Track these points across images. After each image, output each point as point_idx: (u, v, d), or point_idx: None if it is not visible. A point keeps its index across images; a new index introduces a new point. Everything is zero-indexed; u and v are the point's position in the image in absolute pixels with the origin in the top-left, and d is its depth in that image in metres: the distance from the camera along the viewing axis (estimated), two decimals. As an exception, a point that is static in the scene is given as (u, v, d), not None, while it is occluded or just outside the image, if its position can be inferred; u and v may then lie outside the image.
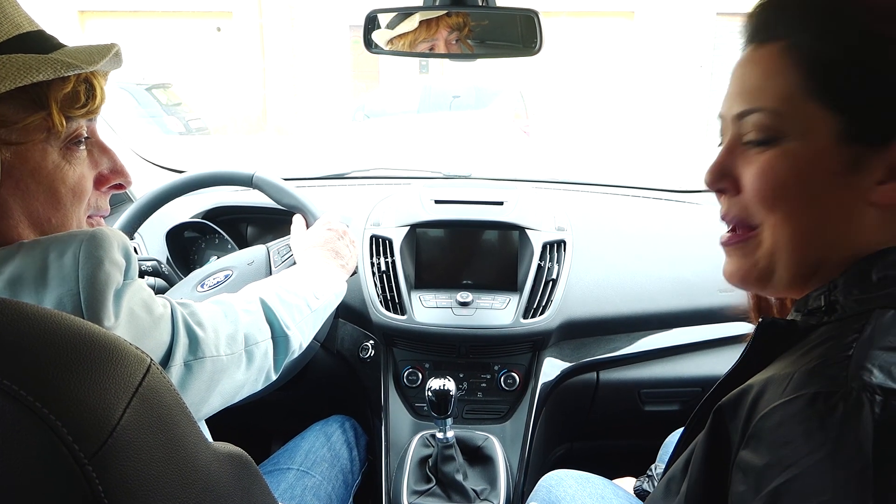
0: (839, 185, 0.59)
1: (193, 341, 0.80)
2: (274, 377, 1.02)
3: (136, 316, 0.72)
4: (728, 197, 0.67)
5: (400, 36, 1.32)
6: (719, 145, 0.68)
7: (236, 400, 0.92)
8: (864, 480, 0.45)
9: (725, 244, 0.69)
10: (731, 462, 0.56)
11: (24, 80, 0.63)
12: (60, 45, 0.72)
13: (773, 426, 0.52)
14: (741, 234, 0.67)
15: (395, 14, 1.30)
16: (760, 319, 0.66)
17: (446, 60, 1.45)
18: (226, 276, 1.32)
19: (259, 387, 0.98)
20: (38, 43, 0.69)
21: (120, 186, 0.81)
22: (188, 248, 1.68)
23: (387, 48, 1.35)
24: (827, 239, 0.61)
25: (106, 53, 0.71)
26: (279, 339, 1.01)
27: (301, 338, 1.07)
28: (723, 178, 0.66)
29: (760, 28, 0.63)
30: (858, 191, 0.58)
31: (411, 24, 1.30)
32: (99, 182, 0.78)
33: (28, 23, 0.70)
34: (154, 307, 0.76)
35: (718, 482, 0.58)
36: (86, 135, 0.74)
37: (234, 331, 0.90)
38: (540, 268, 1.50)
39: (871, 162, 0.57)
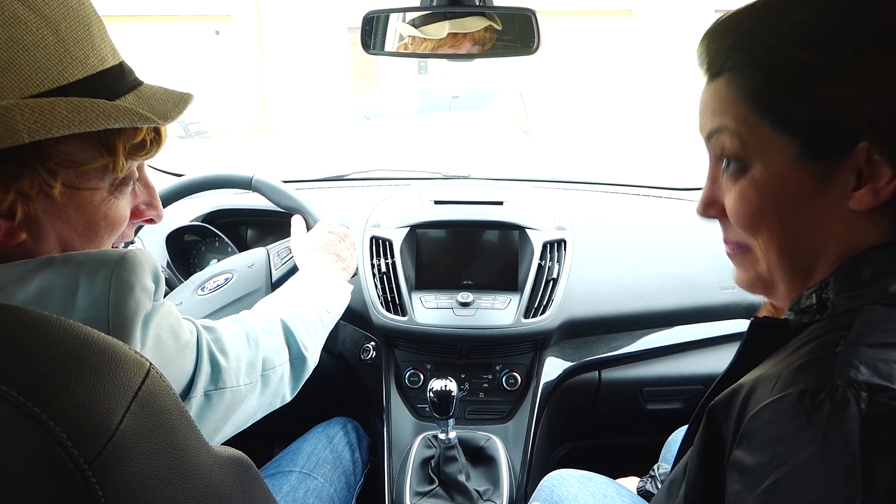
0: (814, 198, 0.60)
1: (216, 370, 0.79)
2: (289, 398, 1.01)
3: (162, 342, 0.71)
4: (723, 223, 0.70)
5: (424, 39, 1.31)
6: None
7: (247, 426, 0.91)
8: (853, 477, 0.45)
9: (730, 256, 0.72)
10: (725, 462, 0.56)
11: (99, 126, 0.62)
12: (138, 83, 0.71)
13: (763, 425, 0.52)
14: (741, 251, 0.69)
15: (421, 14, 1.29)
16: (752, 319, 0.67)
17: (445, 61, 1.44)
18: (226, 280, 1.32)
19: (272, 409, 0.97)
20: (118, 80, 0.68)
21: (150, 221, 0.81)
22: (188, 251, 1.68)
23: (396, 46, 1.34)
24: (815, 246, 0.62)
25: (182, 106, 0.71)
26: (296, 361, 1.01)
27: (316, 356, 1.07)
28: (710, 208, 0.70)
29: (707, 63, 0.65)
30: (835, 200, 0.59)
31: (440, 31, 1.29)
32: (133, 215, 0.78)
33: (112, 55, 0.69)
34: (181, 334, 0.76)
35: (715, 482, 0.58)
36: (137, 174, 0.75)
37: (254, 357, 0.89)
38: (540, 267, 1.50)
39: (840, 171, 0.58)
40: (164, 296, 1.22)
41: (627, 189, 2.00)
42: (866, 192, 0.57)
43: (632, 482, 1.28)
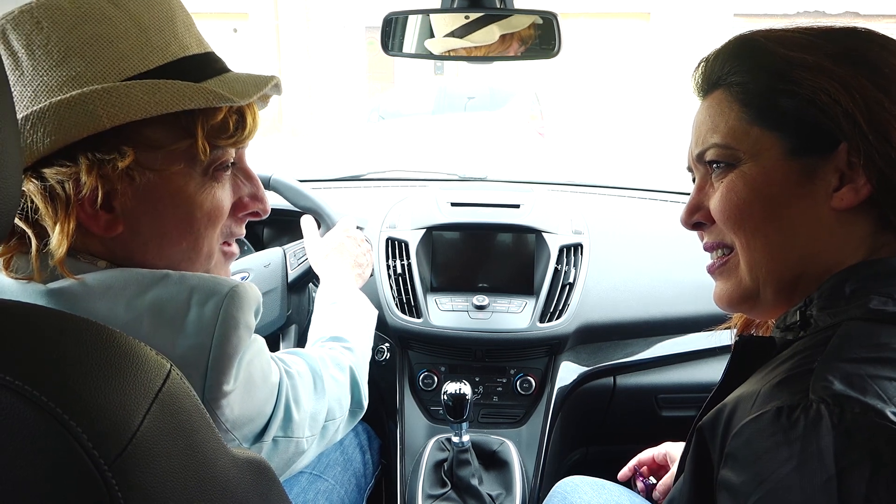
0: (798, 196, 0.63)
1: (287, 419, 0.78)
2: (336, 440, 0.98)
3: (252, 381, 0.71)
4: (706, 229, 0.74)
5: (474, 48, 1.29)
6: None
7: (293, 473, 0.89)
8: (829, 490, 0.46)
9: (710, 271, 0.75)
10: (715, 482, 0.57)
11: (175, 107, 0.63)
12: (224, 70, 0.71)
13: (745, 443, 0.53)
14: (722, 258, 0.73)
15: (464, 23, 1.27)
16: (738, 337, 0.69)
17: (462, 62, 1.43)
18: (242, 279, 1.33)
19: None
20: (201, 67, 0.68)
21: (256, 214, 0.79)
22: (205, 249, 1.68)
23: (448, 54, 1.33)
24: (799, 251, 0.64)
25: (262, 86, 0.71)
26: (355, 409, 0.99)
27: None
28: (695, 213, 0.73)
29: (703, 83, 0.71)
30: (818, 200, 0.62)
31: (490, 36, 1.27)
32: (237, 208, 0.77)
33: (197, 44, 0.70)
34: (269, 375, 0.75)
35: (707, 502, 0.59)
36: (232, 160, 0.73)
37: (318, 409, 0.87)
38: (556, 271, 1.49)
39: (824, 170, 0.62)
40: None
41: (645, 193, 1.98)
42: (847, 190, 0.61)
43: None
